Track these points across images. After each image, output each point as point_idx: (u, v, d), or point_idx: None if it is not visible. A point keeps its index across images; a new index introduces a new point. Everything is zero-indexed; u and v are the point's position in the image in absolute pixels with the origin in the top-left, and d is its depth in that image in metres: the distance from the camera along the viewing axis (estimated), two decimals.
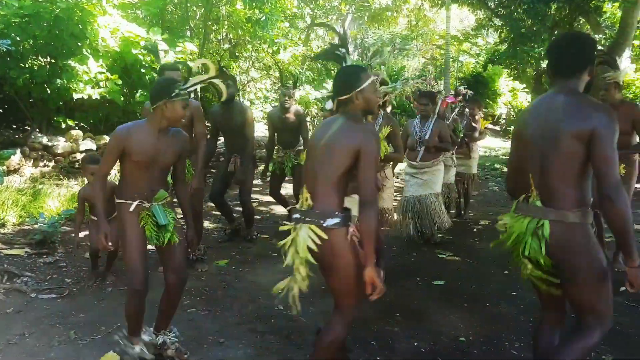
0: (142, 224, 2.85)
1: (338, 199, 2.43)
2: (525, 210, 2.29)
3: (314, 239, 2.35)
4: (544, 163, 2.20)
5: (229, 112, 5.07)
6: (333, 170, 2.38)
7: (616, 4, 13.50)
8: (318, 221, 2.38)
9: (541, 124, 2.23)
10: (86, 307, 3.76)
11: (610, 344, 3.21)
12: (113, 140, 2.81)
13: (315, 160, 2.46)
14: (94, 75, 7.70)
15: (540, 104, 2.32)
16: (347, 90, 2.43)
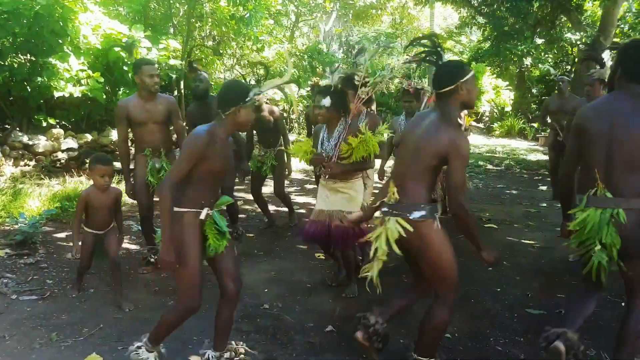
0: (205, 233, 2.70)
1: (425, 192, 2.56)
2: (598, 202, 2.45)
3: (400, 231, 2.51)
4: (614, 157, 2.40)
5: (205, 108, 5.02)
6: (423, 165, 2.52)
7: (597, 2, 13.67)
8: (405, 214, 2.53)
9: (614, 122, 2.41)
10: (68, 308, 3.71)
11: (593, 338, 3.25)
12: (194, 147, 2.57)
13: (407, 155, 2.60)
14: (75, 73, 7.59)
15: (611, 103, 2.51)
16: (452, 82, 2.52)
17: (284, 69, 13.79)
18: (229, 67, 13.77)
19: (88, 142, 8.31)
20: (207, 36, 12.81)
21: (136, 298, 3.90)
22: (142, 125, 4.26)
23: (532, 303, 3.86)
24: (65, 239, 5.33)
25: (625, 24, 14.22)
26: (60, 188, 6.81)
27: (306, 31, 21.56)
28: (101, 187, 3.74)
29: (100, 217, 3.82)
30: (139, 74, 4.18)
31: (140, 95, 4.25)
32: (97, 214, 3.80)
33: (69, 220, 5.85)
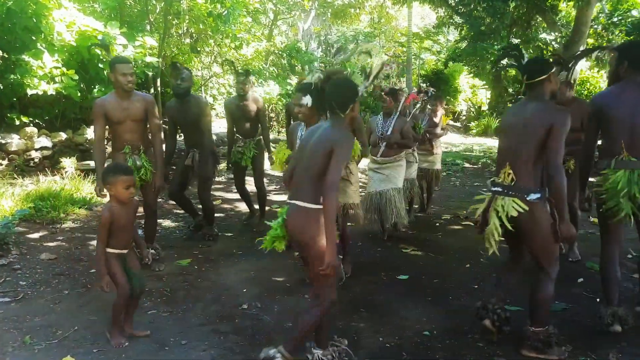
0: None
1: (538, 176, 2.91)
2: (626, 165, 3.12)
3: (519, 210, 2.83)
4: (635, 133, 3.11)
5: (185, 105, 4.99)
6: (533, 147, 2.85)
7: (571, 3, 13.90)
8: (522, 195, 2.86)
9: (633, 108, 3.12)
10: (42, 310, 3.63)
11: (568, 335, 3.29)
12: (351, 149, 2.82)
13: (516, 140, 2.93)
14: (49, 70, 7.42)
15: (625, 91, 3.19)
16: (544, 73, 2.95)
17: (262, 66, 13.73)
18: (207, 64, 13.64)
19: (62, 140, 8.16)
20: (184, 33, 12.67)
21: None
22: (120, 124, 4.22)
23: (508, 299, 3.88)
24: (39, 239, 5.23)
25: (599, 25, 14.49)
26: (33, 187, 6.67)
27: (285, 29, 21.50)
28: (127, 199, 3.20)
29: (127, 235, 3.26)
30: (114, 72, 4.15)
31: (117, 93, 4.22)
32: (123, 232, 3.21)
33: (42, 221, 5.75)
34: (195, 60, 12.62)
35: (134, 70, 4.34)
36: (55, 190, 6.47)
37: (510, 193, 2.90)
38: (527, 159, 2.88)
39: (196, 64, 13.00)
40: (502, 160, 3.02)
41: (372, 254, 5.13)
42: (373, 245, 5.36)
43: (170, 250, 5.02)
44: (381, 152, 5.26)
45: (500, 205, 2.92)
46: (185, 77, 4.91)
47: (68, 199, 6.34)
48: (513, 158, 2.94)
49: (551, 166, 2.82)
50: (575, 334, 3.33)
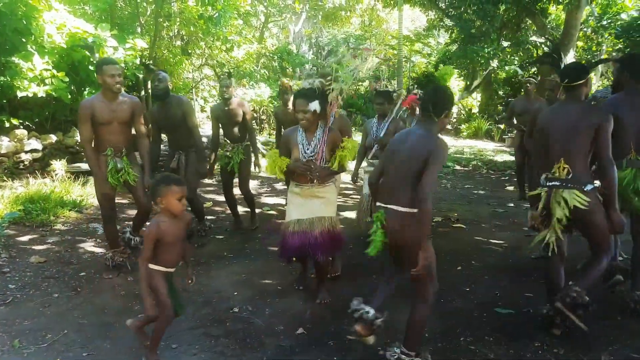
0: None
1: (589, 168, 3.27)
2: (632, 164, 3.47)
3: (581, 201, 3.12)
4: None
5: (167, 107, 4.96)
6: (583, 144, 3.18)
7: (560, 6, 14.00)
8: (580, 186, 3.16)
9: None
10: (31, 314, 3.61)
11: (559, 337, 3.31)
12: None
13: (567, 139, 3.22)
14: (39, 73, 7.38)
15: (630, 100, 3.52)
16: (583, 77, 3.28)
17: (254, 69, 13.73)
18: (198, 67, 13.62)
19: (52, 143, 8.11)
20: (175, 36, 12.65)
21: (101, 303, 3.82)
22: (105, 125, 4.19)
23: (501, 302, 3.91)
24: (28, 242, 5.19)
25: (588, 28, 14.61)
26: (23, 190, 6.63)
27: (276, 32, 21.51)
28: (180, 212, 2.98)
29: (176, 251, 3.01)
30: (101, 74, 4.14)
31: (105, 95, 4.19)
32: (172, 248, 2.97)
33: (32, 223, 5.71)
34: (186, 62, 12.60)
35: (122, 72, 4.32)
36: (45, 193, 6.43)
37: (569, 185, 3.19)
38: (580, 154, 3.20)
39: (187, 67, 12.97)
40: (555, 156, 3.27)
41: (363, 256, 5.08)
42: (365, 247, 5.33)
43: None
44: (372, 154, 5.23)
45: (561, 197, 3.19)
46: (162, 78, 4.89)
47: (58, 202, 6.31)
48: (567, 154, 3.22)
49: (604, 159, 3.17)
50: (568, 336, 3.34)
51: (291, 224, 3.72)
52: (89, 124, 4.14)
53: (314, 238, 3.62)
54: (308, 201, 3.73)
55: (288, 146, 3.79)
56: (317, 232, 3.64)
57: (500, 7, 12.23)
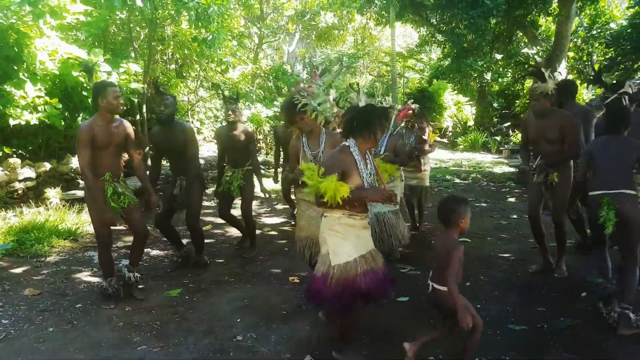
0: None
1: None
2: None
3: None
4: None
5: (169, 132, 4.86)
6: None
7: (550, 18, 14.12)
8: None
9: None
10: (26, 350, 3.45)
11: (577, 353, 3.19)
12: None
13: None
14: (32, 100, 7.30)
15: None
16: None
17: (249, 89, 13.69)
18: (193, 89, 13.58)
19: (46, 170, 7.99)
20: (169, 59, 12.63)
21: (98, 336, 3.66)
22: (103, 149, 4.09)
23: (514, 318, 3.78)
24: (22, 274, 5.04)
25: (578, 38, 14.71)
26: (17, 220, 6.49)
27: (270, 53, 21.59)
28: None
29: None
30: (105, 96, 4.03)
31: (104, 118, 4.09)
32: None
33: (26, 254, 5.58)
34: (181, 85, 12.56)
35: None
36: (40, 222, 6.29)
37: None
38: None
39: (182, 89, 12.94)
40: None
41: None
42: None
43: (159, 280, 4.85)
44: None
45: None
46: (168, 104, 4.80)
47: (53, 231, 6.16)
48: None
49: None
50: (584, 351, 3.22)
51: (358, 262, 3.08)
52: (89, 148, 4.02)
53: (383, 274, 3.16)
54: (362, 232, 3.18)
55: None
56: (383, 267, 3.19)
57: (492, 21, 12.30)
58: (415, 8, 14.24)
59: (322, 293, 3.02)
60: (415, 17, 15.11)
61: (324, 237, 3.11)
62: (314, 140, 3.78)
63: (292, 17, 19.08)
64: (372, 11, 16.21)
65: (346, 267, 3.02)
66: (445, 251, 2.98)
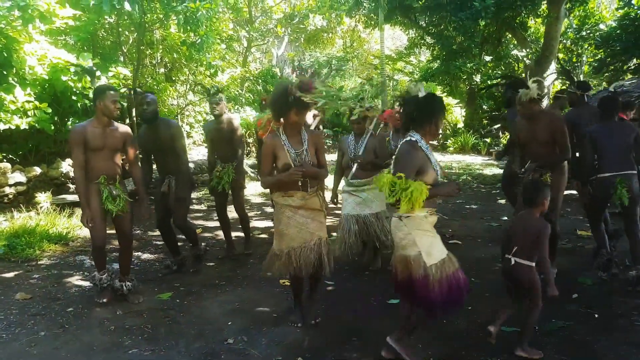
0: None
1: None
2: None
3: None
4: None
5: (155, 130, 4.88)
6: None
7: (539, 20, 14.23)
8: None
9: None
10: (17, 355, 3.45)
11: (569, 354, 3.23)
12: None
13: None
14: (22, 104, 7.29)
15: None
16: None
17: (239, 92, 13.71)
18: (182, 93, 13.58)
19: (37, 175, 7.97)
20: (158, 63, 12.62)
21: (90, 340, 3.67)
22: (97, 152, 4.11)
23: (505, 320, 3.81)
24: (13, 278, 5.04)
25: (567, 39, 14.84)
26: (7, 225, 6.47)
27: (259, 56, 21.61)
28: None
29: None
30: (103, 99, 4.07)
31: (99, 121, 4.13)
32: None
33: (17, 259, 5.57)
34: (170, 89, 12.56)
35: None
36: (30, 227, 6.28)
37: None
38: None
39: (172, 93, 12.93)
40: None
41: (359, 278, 5.02)
42: (360, 270, 5.24)
43: (150, 284, 4.86)
44: (352, 174, 5.03)
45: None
46: (150, 101, 4.81)
47: (44, 235, 6.15)
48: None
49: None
50: (576, 352, 3.27)
51: (445, 264, 3.03)
52: (81, 149, 4.04)
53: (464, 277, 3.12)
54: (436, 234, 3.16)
55: (419, 165, 3.00)
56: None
57: (481, 23, 12.36)
58: (403, 10, 14.28)
59: (429, 297, 2.93)
60: (404, 19, 15.14)
61: (411, 238, 2.98)
62: (295, 138, 3.64)
63: (280, 20, 19.13)
64: (360, 14, 16.26)
65: (443, 265, 2.99)
66: (534, 230, 3.21)
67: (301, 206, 3.61)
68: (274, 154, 3.58)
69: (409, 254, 3.00)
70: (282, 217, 3.64)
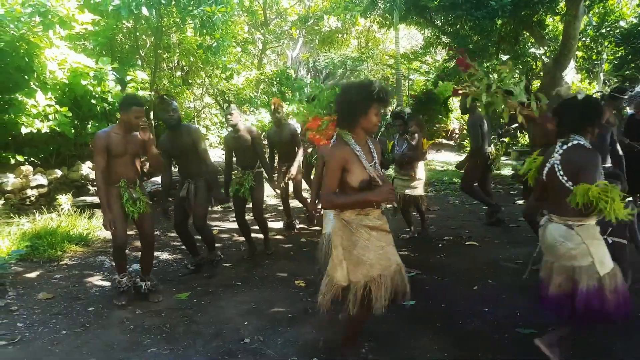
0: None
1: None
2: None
3: None
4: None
5: (177, 136, 4.98)
6: None
7: (557, 17, 14.07)
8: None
9: None
10: (40, 353, 3.54)
11: (585, 356, 3.22)
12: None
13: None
14: (43, 109, 7.46)
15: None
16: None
17: (254, 94, 13.79)
18: (199, 96, 13.71)
19: (57, 177, 8.12)
20: (175, 66, 12.77)
21: (110, 339, 3.75)
22: (119, 157, 4.23)
23: (522, 322, 3.79)
24: (36, 278, 5.14)
25: (587, 37, 14.64)
26: (30, 226, 6.61)
27: (274, 58, 21.71)
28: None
29: None
30: (128, 113, 4.18)
31: (122, 129, 4.24)
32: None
33: (39, 259, 5.69)
34: (187, 92, 12.69)
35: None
36: (52, 228, 6.40)
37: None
38: None
39: (188, 96, 13.06)
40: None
41: None
42: None
43: (168, 284, 4.93)
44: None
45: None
46: (175, 108, 4.93)
47: (65, 236, 6.27)
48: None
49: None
50: (592, 354, 3.26)
51: (617, 272, 2.94)
52: (104, 156, 4.17)
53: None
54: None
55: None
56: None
57: (497, 22, 12.28)
58: (419, 10, 14.24)
59: (602, 309, 2.82)
60: (420, 19, 15.11)
61: (584, 248, 2.87)
62: (365, 147, 2.91)
63: (295, 22, 19.19)
64: (375, 14, 16.24)
65: (615, 273, 2.91)
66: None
67: (376, 227, 2.91)
68: (344, 168, 2.80)
69: (579, 264, 2.88)
70: (360, 239, 2.87)
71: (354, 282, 2.86)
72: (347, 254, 2.88)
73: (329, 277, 2.96)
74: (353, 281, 2.87)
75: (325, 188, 2.83)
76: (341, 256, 2.89)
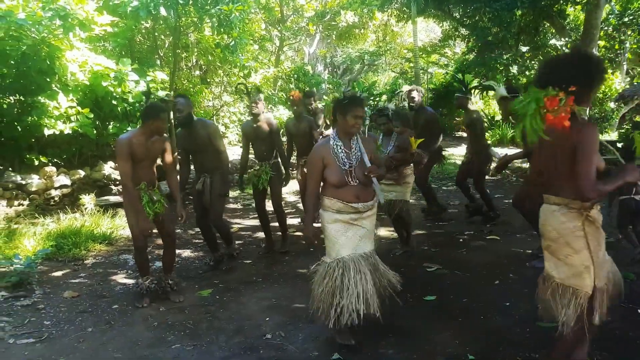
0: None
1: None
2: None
3: None
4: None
5: (193, 131, 5.02)
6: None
7: (578, 7, 13.81)
8: None
9: None
10: (66, 350, 3.62)
11: (609, 350, 3.17)
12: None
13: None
14: (65, 110, 7.59)
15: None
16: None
17: (271, 92, 13.83)
18: (217, 94, 13.80)
19: (81, 177, 8.25)
20: (193, 66, 12.87)
21: (134, 336, 3.81)
22: (140, 162, 4.30)
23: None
24: (61, 277, 5.25)
25: (609, 26, 14.35)
26: (54, 226, 6.74)
27: (291, 55, 21.72)
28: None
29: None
30: (156, 120, 4.24)
31: (144, 134, 4.29)
32: None
33: (65, 258, 5.80)
34: (205, 91, 12.78)
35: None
36: (76, 227, 6.52)
37: None
38: None
39: (207, 95, 13.15)
40: None
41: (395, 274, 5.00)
42: (395, 265, 5.19)
43: (191, 281, 5.00)
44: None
45: None
46: (180, 108, 4.95)
47: (89, 236, 6.39)
48: None
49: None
50: (616, 348, 3.21)
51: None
52: (128, 160, 4.21)
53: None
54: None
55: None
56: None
57: (517, 13, 12.10)
58: (437, 3, 14.12)
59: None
60: (438, 11, 14.98)
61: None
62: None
63: (312, 18, 19.16)
64: (393, 8, 16.14)
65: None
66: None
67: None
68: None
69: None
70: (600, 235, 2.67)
71: (599, 288, 2.55)
72: (595, 257, 2.53)
73: (574, 289, 2.58)
74: (598, 287, 2.55)
75: (588, 175, 2.36)
76: (588, 261, 2.52)
